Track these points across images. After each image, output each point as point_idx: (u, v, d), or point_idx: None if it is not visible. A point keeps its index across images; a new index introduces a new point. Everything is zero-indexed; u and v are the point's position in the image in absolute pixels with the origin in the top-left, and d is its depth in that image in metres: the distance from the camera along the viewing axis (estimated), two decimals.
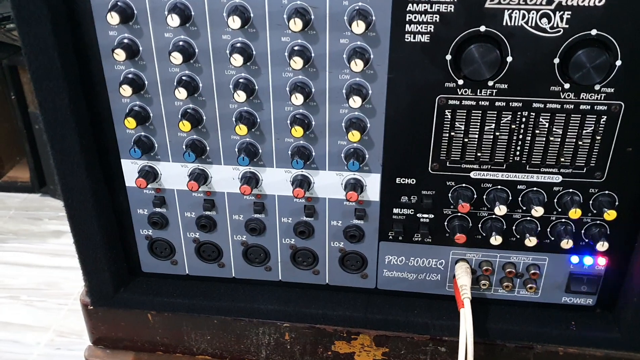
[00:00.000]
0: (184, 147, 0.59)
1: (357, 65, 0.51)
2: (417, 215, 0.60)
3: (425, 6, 0.50)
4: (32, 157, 2.57)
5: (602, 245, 0.57)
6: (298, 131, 0.55)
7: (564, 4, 0.48)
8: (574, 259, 0.61)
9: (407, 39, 0.51)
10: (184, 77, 0.55)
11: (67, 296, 2.06)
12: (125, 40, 0.54)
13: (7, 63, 2.43)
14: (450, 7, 0.49)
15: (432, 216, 0.60)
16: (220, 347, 0.71)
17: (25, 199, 2.65)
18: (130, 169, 0.61)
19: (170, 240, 0.66)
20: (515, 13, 0.49)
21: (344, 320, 0.66)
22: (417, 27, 0.51)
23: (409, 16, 0.50)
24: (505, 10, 0.49)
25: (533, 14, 0.49)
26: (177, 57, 0.53)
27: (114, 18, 0.52)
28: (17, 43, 2.42)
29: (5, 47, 2.45)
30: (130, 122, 0.57)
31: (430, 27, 0.50)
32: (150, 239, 0.66)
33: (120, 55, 0.54)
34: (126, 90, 0.55)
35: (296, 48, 0.52)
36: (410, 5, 0.50)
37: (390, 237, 0.62)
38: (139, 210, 0.64)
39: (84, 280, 0.68)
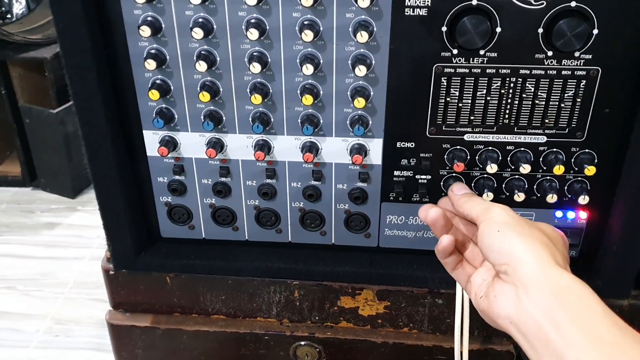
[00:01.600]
0: (202, 117, 0.64)
1: (362, 37, 0.57)
2: (416, 176, 0.66)
3: None
4: (23, 151, 2.59)
5: (583, 199, 0.64)
6: (308, 99, 0.60)
7: None
8: (558, 213, 0.67)
9: (407, 12, 0.57)
10: (203, 52, 0.60)
11: (63, 285, 2.10)
12: (149, 18, 0.59)
13: None
14: None
15: (430, 177, 0.66)
16: (234, 307, 0.77)
17: (16, 192, 2.67)
18: (152, 139, 0.66)
19: (188, 206, 0.71)
20: None
21: (349, 276, 0.72)
22: (415, 2, 0.56)
23: None
24: None
25: None
26: (198, 33, 0.58)
27: None
28: (7, 38, 2.43)
29: None
30: (154, 94, 0.62)
31: (428, 1, 0.56)
32: (169, 205, 0.71)
33: (145, 31, 0.59)
34: (150, 65, 0.60)
35: (306, 22, 0.58)
36: None
37: (391, 197, 0.68)
38: (159, 178, 0.69)
39: (108, 245, 0.72)
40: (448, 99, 0.61)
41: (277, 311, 0.76)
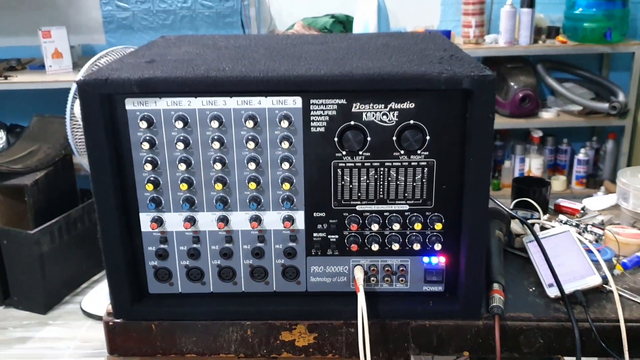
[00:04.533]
0: (181, 201, 0.95)
1: (286, 145, 0.91)
2: (328, 236, 0.97)
3: (320, 112, 0.91)
4: None
5: (438, 247, 0.96)
6: (253, 186, 0.93)
7: (393, 107, 0.90)
8: (426, 259, 0.98)
9: (312, 130, 0.91)
10: (183, 157, 0.93)
11: None
12: (148, 137, 0.92)
13: None
14: (333, 111, 0.90)
15: (337, 236, 0.97)
16: (202, 346, 1.03)
17: None
18: (145, 219, 0.97)
19: (169, 267, 1.00)
20: (369, 113, 0.90)
21: (287, 315, 1.00)
22: (317, 123, 0.91)
23: (312, 117, 0.91)
24: (363, 112, 0.90)
25: (378, 113, 0.90)
26: (180, 146, 0.91)
27: (143, 124, 0.90)
28: None
29: None
30: (149, 187, 0.93)
31: (325, 122, 0.91)
32: (155, 267, 1.00)
33: (145, 146, 0.91)
34: (147, 167, 0.92)
35: (250, 137, 0.91)
36: (312, 112, 0.91)
37: (313, 253, 0.98)
38: (149, 247, 0.98)
39: (111, 300, 0.99)
40: (343, 183, 0.94)
41: (235, 348, 1.03)
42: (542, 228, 1.24)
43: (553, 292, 1.04)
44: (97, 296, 2.83)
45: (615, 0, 3.21)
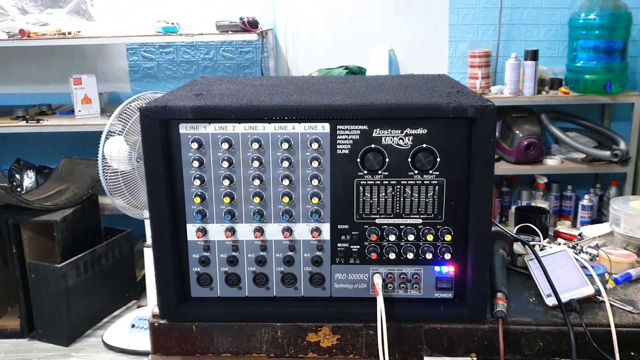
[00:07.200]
0: (223, 213, 1.09)
1: (315, 164, 1.06)
2: (351, 246, 1.11)
3: (346, 135, 1.06)
4: (25, 304, 2.91)
5: (447, 256, 1.09)
6: (286, 200, 1.07)
7: (409, 133, 1.05)
8: (437, 268, 1.11)
9: (338, 152, 1.06)
10: (226, 174, 1.08)
11: None
12: (197, 156, 1.07)
13: (12, 222, 2.87)
14: (356, 136, 1.05)
15: (359, 247, 1.11)
16: (237, 346, 1.15)
17: (14, 343, 2.94)
18: (191, 229, 1.11)
19: (210, 273, 1.13)
20: (387, 137, 1.05)
21: (313, 317, 1.12)
22: (343, 145, 1.06)
23: (338, 140, 1.06)
24: (383, 136, 1.05)
25: (395, 138, 1.05)
26: (224, 165, 1.06)
27: (194, 145, 1.05)
28: (24, 205, 2.88)
29: (12, 209, 2.91)
30: (197, 200, 1.08)
31: (349, 145, 1.06)
32: (198, 273, 1.13)
33: (195, 164, 1.06)
34: (196, 183, 1.07)
35: (284, 157, 1.07)
36: (338, 135, 1.06)
37: (337, 261, 1.12)
38: (194, 255, 1.12)
39: (158, 303, 1.12)
40: (364, 198, 1.08)
41: (266, 347, 1.15)
42: (542, 249, 1.37)
43: (551, 301, 1.16)
44: (119, 329, 2.93)
45: (614, 54, 3.40)
